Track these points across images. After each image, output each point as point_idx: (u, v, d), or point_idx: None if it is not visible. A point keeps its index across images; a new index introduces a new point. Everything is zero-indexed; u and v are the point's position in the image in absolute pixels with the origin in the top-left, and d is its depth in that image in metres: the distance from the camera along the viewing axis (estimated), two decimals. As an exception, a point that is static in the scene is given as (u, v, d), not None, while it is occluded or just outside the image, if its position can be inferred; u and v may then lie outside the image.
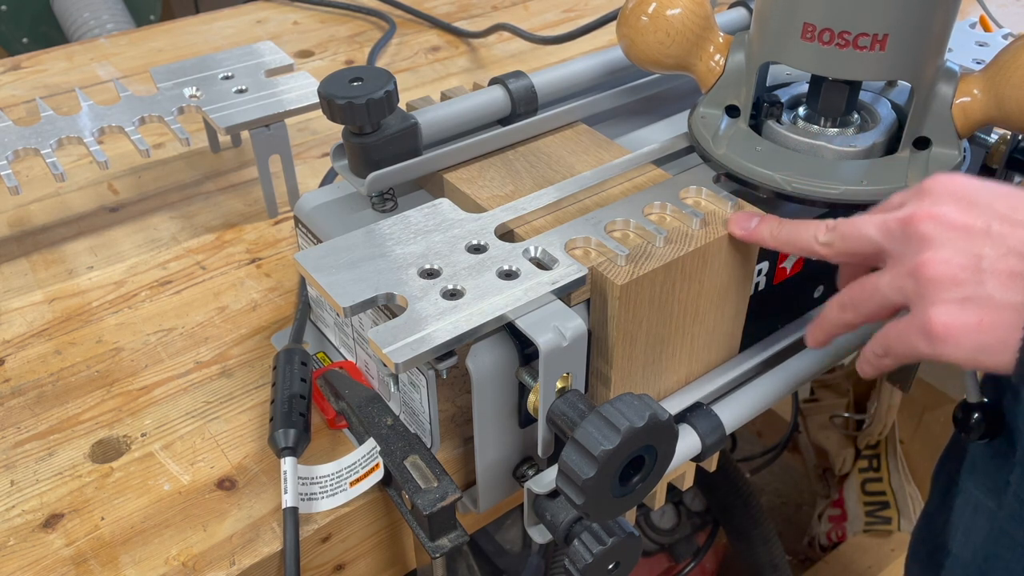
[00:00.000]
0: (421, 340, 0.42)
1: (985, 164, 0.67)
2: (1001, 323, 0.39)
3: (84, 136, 0.68)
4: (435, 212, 0.51)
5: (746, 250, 0.52)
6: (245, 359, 0.61)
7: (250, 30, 1.07)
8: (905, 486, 1.35)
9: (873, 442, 1.37)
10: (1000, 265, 0.39)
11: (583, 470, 0.40)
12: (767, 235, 0.49)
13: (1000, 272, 0.39)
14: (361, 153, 0.54)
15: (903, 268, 0.42)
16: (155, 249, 0.72)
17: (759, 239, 0.49)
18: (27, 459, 0.54)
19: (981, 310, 0.39)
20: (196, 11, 1.52)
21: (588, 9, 1.14)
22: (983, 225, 0.40)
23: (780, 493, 1.50)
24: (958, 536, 0.64)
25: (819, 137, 0.55)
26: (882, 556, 1.33)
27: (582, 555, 0.45)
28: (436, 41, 1.06)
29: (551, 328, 0.44)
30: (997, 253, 0.39)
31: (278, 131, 0.71)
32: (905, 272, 0.42)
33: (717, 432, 0.53)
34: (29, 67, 0.98)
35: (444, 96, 0.63)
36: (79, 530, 0.50)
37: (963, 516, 0.63)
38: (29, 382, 0.60)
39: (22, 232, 0.74)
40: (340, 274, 0.46)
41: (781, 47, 0.52)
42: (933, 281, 0.40)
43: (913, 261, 0.41)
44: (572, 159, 0.58)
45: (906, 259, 0.42)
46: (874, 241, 0.44)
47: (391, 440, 0.51)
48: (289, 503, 0.49)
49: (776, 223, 0.49)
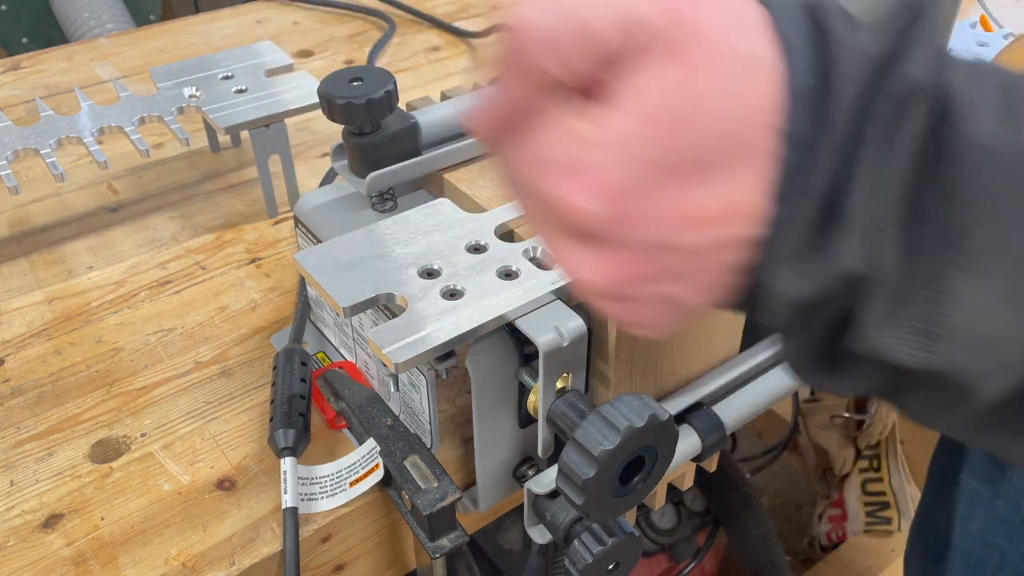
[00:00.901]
0: (421, 340, 0.42)
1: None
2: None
3: (84, 136, 0.68)
4: (435, 212, 0.51)
5: (746, 250, 0.52)
6: (245, 359, 0.61)
7: (250, 30, 1.07)
8: (905, 486, 1.35)
9: (873, 442, 1.37)
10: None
11: (583, 470, 0.40)
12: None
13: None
14: (361, 153, 0.54)
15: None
16: (155, 249, 0.72)
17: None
18: (27, 459, 0.54)
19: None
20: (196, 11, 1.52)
21: (588, 9, 1.14)
22: None
23: (780, 493, 1.50)
24: (955, 527, 0.64)
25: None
26: (882, 556, 1.33)
27: (582, 555, 0.45)
28: (436, 41, 1.06)
29: (551, 328, 0.44)
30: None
31: (278, 131, 0.71)
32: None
33: (717, 432, 0.53)
34: (29, 67, 0.98)
35: (444, 96, 0.63)
36: (79, 530, 0.50)
37: (960, 507, 0.64)
38: (29, 382, 0.60)
39: (22, 232, 0.74)
40: (340, 274, 0.46)
41: (781, 47, 0.52)
42: None
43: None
44: (572, 159, 0.58)
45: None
46: None
47: (391, 440, 0.51)
48: (289, 503, 0.49)
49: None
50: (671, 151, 0.27)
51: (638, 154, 0.27)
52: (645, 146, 0.27)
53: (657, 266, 0.30)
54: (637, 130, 0.27)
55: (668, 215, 0.28)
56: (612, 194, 0.28)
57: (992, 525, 0.60)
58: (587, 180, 0.28)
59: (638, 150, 0.27)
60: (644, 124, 0.27)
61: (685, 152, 0.27)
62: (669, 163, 0.27)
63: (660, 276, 0.30)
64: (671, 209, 0.28)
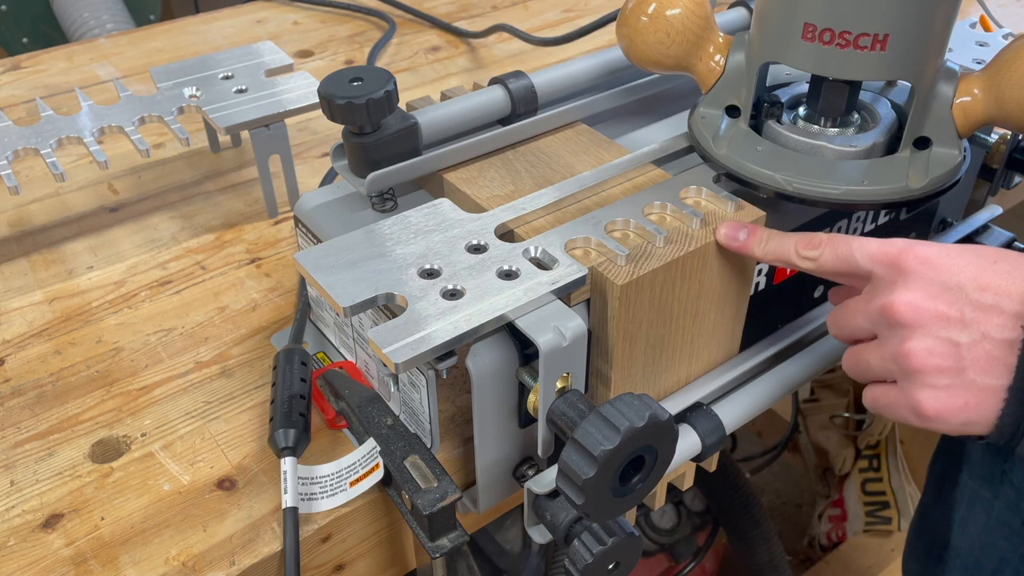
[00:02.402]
0: (421, 340, 0.42)
1: (985, 164, 0.67)
2: (983, 403, 0.43)
3: (84, 136, 0.68)
4: (435, 212, 0.51)
5: (746, 250, 0.52)
6: (245, 359, 0.61)
7: (250, 30, 1.07)
8: (905, 486, 1.35)
9: (873, 442, 1.37)
10: (977, 351, 0.42)
11: (583, 470, 0.40)
12: (752, 246, 0.49)
13: (978, 358, 0.42)
14: (361, 153, 0.54)
15: (888, 351, 0.45)
16: (155, 249, 0.72)
17: (746, 250, 0.50)
18: (27, 459, 0.54)
19: (966, 393, 0.43)
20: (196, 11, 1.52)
21: (588, 9, 1.14)
22: (957, 313, 0.43)
23: (780, 493, 1.50)
24: (954, 528, 0.64)
25: (819, 137, 0.55)
26: (882, 556, 1.33)
27: (582, 555, 0.45)
28: (436, 41, 1.06)
29: (551, 328, 0.44)
30: (972, 339, 0.42)
31: (278, 131, 0.71)
32: (890, 356, 0.45)
33: (717, 432, 0.53)
34: (29, 67, 0.98)
35: (444, 96, 0.63)
36: (79, 530, 0.50)
37: (959, 507, 0.64)
38: (29, 382, 0.60)
39: (22, 232, 0.74)
40: (340, 274, 0.46)
41: (781, 47, 0.52)
42: (918, 371, 0.43)
43: (896, 348, 0.44)
44: (572, 159, 0.58)
45: (890, 344, 0.45)
46: (863, 328, 0.47)
47: (391, 440, 0.51)
48: (289, 503, 0.49)
49: (765, 235, 0.49)
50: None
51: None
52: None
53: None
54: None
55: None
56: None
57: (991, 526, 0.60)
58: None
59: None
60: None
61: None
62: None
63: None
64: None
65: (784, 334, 0.59)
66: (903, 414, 0.45)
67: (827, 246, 0.47)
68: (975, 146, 0.66)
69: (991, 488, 0.60)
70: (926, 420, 0.44)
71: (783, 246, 0.49)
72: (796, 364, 0.58)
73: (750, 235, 0.49)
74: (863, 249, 0.46)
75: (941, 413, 0.43)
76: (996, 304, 0.42)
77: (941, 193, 0.53)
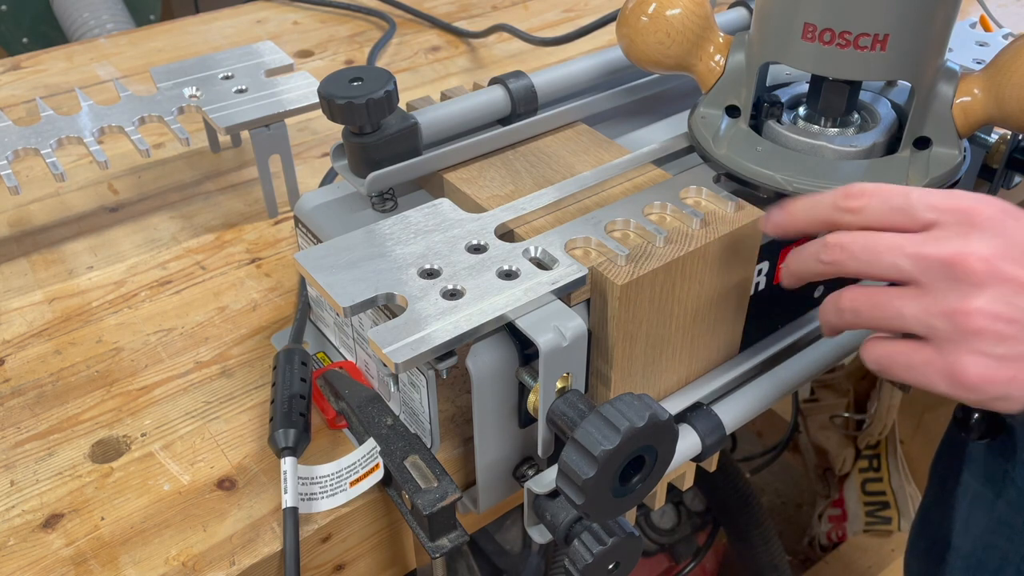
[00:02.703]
0: (421, 340, 0.42)
1: (985, 164, 0.67)
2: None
3: (84, 136, 0.68)
4: (435, 212, 0.51)
5: (746, 250, 0.52)
6: (245, 359, 0.61)
7: (250, 30, 1.07)
8: (905, 486, 1.35)
9: (873, 442, 1.37)
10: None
11: (583, 470, 0.40)
12: (787, 219, 0.45)
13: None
14: (361, 153, 0.54)
15: (939, 306, 0.40)
16: (155, 249, 0.72)
17: (784, 227, 0.45)
18: (27, 459, 0.54)
19: (1016, 366, 0.39)
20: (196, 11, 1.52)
21: (588, 9, 1.14)
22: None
23: (780, 493, 1.50)
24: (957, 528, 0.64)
25: (819, 137, 0.55)
26: (882, 556, 1.33)
27: (582, 555, 0.45)
28: (436, 41, 1.06)
29: (551, 328, 0.44)
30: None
31: (278, 131, 0.71)
32: (941, 311, 0.40)
33: (717, 432, 0.53)
34: (29, 67, 0.98)
35: (444, 96, 0.63)
36: (79, 530, 0.50)
37: (961, 507, 0.64)
38: (29, 382, 0.60)
39: (22, 232, 0.74)
40: (340, 274, 0.46)
41: (781, 47, 0.52)
42: (976, 332, 0.39)
43: (955, 305, 0.39)
44: (572, 159, 0.58)
45: (946, 298, 0.39)
46: (904, 271, 0.41)
47: (391, 440, 0.51)
48: (289, 503, 0.49)
49: (791, 202, 0.45)
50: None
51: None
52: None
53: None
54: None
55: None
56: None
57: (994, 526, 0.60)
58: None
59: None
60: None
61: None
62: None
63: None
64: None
65: (784, 334, 0.59)
66: (931, 378, 0.40)
67: (874, 196, 0.42)
68: (975, 146, 0.66)
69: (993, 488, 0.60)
70: (960, 387, 0.40)
71: (819, 206, 0.43)
72: (796, 364, 0.58)
73: (782, 211, 0.45)
74: (924, 199, 0.41)
75: (983, 383, 0.39)
76: None
77: (941, 193, 0.53)
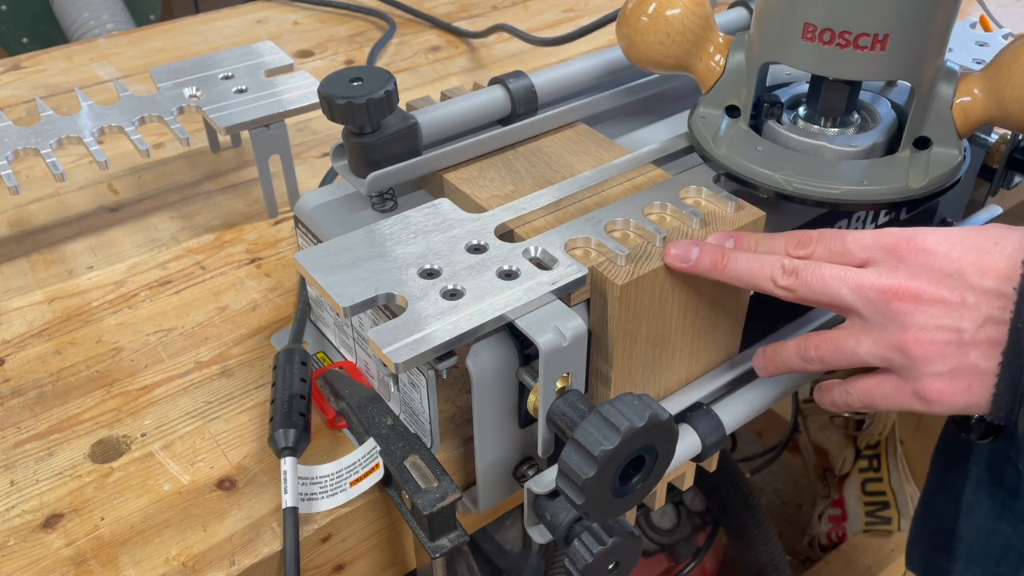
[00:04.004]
0: (421, 340, 0.42)
1: (985, 164, 0.67)
2: (986, 384, 0.43)
3: (84, 136, 0.68)
4: (435, 212, 0.51)
5: (746, 250, 0.51)
6: (245, 359, 0.61)
7: (250, 30, 1.07)
8: (905, 486, 1.35)
9: (873, 442, 1.37)
10: (980, 335, 0.43)
11: (583, 470, 0.40)
12: (708, 266, 0.47)
13: (980, 342, 0.43)
14: (361, 153, 0.54)
15: (886, 340, 0.44)
16: (155, 249, 0.72)
17: (701, 271, 0.47)
18: (27, 459, 0.54)
19: (968, 377, 0.43)
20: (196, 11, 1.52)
21: (588, 9, 1.14)
22: (958, 299, 0.43)
23: (780, 493, 1.50)
24: (959, 516, 0.64)
25: (819, 137, 0.55)
26: (882, 556, 1.33)
27: (582, 555, 0.45)
28: (436, 41, 1.06)
29: (551, 328, 0.44)
30: (975, 324, 0.43)
31: (278, 131, 0.71)
32: (888, 345, 0.44)
33: (717, 432, 0.53)
34: (29, 67, 0.98)
35: (444, 96, 0.63)
36: (79, 530, 0.50)
37: (964, 495, 0.64)
38: (29, 382, 0.60)
39: (22, 232, 0.74)
40: (340, 274, 0.46)
41: (781, 47, 0.52)
42: (921, 358, 0.43)
43: (897, 337, 0.44)
44: (572, 159, 0.58)
45: (888, 332, 0.44)
46: (846, 302, 0.45)
47: (391, 440, 0.51)
48: (289, 503, 0.49)
49: (720, 255, 0.47)
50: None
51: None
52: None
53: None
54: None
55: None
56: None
57: (996, 513, 0.60)
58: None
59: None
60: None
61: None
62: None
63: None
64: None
65: (784, 334, 0.59)
66: (904, 402, 0.45)
67: (819, 243, 0.46)
68: (975, 146, 0.66)
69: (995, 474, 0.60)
70: (929, 405, 0.44)
71: (751, 271, 0.47)
72: (796, 364, 0.58)
73: (702, 252, 0.47)
74: (858, 240, 0.45)
75: (944, 397, 0.44)
76: (996, 288, 0.42)
77: (941, 193, 0.53)
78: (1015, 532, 0.59)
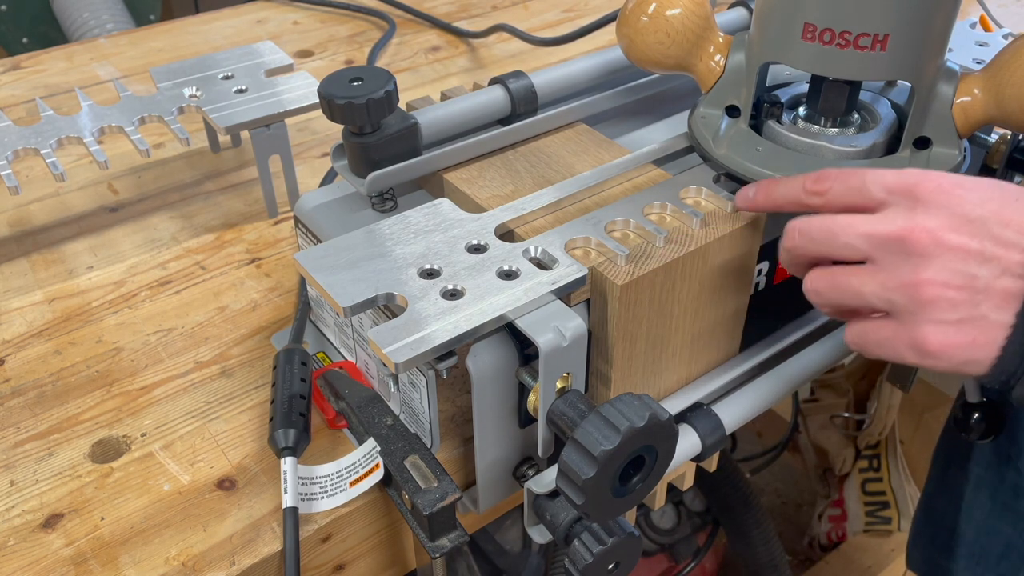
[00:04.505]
0: (421, 340, 0.42)
1: (985, 164, 0.67)
2: (992, 340, 0.41)
3: (84, 136, 0.68)
4: (435, 212, 0.51)
5: (746, 250, 0.52)
6: (245, 359, 0.61)
7: (250, 30, 1.07)
8: (905, 486, 1.35)
9: (873, 442, 1.37)
10: (995, 286, 0.40)
11: (583, 470, 0.40)
12: (764, 199, 0.48)
13: (995, 293, 0.40)
14: (361, 153, 0.54)
15: (893, 281, 0.42)
16: (155, 249, 0.72)
17: (759, 205, 0.48)
18: (27, 459, 0.54)
19: (974, 330, 0.41)
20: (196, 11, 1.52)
21: (588, 9, 1.14)
22: (978, 247, 0.40)
23: (780, 493, 1.50)
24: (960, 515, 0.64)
25: (819, 137, 0.55)
26: (882, 556, 1.33)
27: (582, 555, 0.45)
28: (436, 41, 1.06)
29: (551, 328, 0.44)
30: (992, 274, 0.40)
31: (278, 131, 0.71)
32: (896, 285, 0.42)
33: (717, 432, 0.53)
34: (29, 67, 0.98)
35: (444, 96, 0.63)
36: (79, 530, 0.50)
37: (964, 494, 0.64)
38: (29, 382, 0.60)
39: (22, 232, 0.74)
40: (340, 274, 0.46)
41: (781, 47, 0.52)
42: (930, 302, 0.41)
43: (907, 278, 0.41)
44: (572, 159, 0.58)
45: (898, 272, 0.42)
46: (858, 249, 0.43)
47: (391, 440, 0.51)
48: (289, 503, 0.49)
49: (768, 184, 0.48)
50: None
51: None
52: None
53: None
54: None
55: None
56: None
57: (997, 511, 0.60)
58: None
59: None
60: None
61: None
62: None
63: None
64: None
65: (784, 334, 0.59)
66: (899, 350, 0.43)
67: (837, 180, 0.44)
68: (975, 146, 0.66)
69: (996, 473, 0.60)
70: (926, 356, 0.42)
71: (791, 188, 0.46)
72: (796, 364, 0.58)
73: (758, 191, 0.48)
74: (877, 179, 0.43)
75: (946, 349, 0.41)
76: (1017, 242, 0.40)
77: (941, 193, 0.53)
78: (1016, 532, 0.59)
